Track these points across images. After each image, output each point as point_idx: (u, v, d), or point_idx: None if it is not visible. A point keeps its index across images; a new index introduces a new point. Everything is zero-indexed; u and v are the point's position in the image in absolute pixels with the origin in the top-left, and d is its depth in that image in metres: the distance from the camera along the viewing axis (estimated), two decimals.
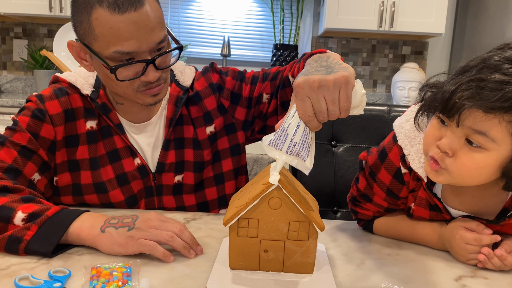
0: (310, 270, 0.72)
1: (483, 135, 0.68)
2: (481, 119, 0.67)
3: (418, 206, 0.89)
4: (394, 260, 0.81)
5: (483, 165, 0.70)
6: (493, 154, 0.69)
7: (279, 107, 1.09)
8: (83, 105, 1.00)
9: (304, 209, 0.69)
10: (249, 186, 0.78)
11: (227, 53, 2.83)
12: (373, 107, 1.61)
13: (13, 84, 2.91)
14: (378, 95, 3.08)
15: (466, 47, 2.88)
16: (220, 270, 0.72)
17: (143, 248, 0.74)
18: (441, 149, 0.73)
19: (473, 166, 0.71)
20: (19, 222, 0.77)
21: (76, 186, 1.00)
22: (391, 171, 0.88)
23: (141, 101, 0.94)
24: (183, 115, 1.06)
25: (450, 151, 0.71)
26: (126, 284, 0.65)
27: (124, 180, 1.01)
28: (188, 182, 1.07)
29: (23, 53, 2.91)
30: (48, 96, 0.97)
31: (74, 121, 0.99)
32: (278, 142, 0.66)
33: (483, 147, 0.69)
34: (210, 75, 1.10)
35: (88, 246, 0.79)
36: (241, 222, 0.70)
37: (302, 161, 0.67)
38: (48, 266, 0.71)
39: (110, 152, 1.01)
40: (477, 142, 0.69)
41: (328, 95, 0.67)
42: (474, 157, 0.70)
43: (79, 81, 1.00)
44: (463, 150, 0.71)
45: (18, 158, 0.91)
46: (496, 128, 0.67)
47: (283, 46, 2.83)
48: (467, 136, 0.70)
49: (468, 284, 0.73)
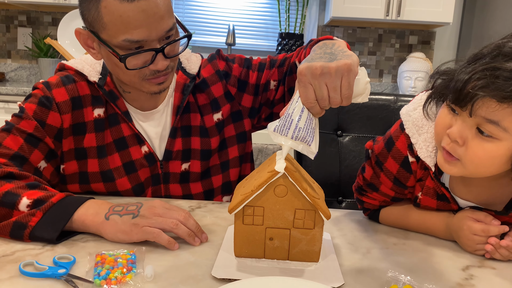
0: (315, 259, 0.71)
1: (495, 124, 0.67)
2: (494, 109, 0.66)
3: (425, 195, 0.88)
4: (401, 250, 0.81)
5: (495, 155, 0.70)
6: (504, 144, 0.68)
7: (286, 93, 1.08)
8: (91, 93, 0.99)
9: (310, 197, 0.68)
10: (254, 174, 0.77)
11: (232, 42, 2.81)
12: (380, 96, 1.59)
13: (17, 72, 2.91)
14: (384, 85, 3.05)
15: (474, 37, 2.85)
16: (225, 257, 0.71)
17: (148, 235, 0.74)
18: (451, 137, 0.72)
19: (485, 156, 0.70)
20: (24, 208, 0.77)
21: (83, 174, 1.00)
22: (399, 159, 0.87)
23: (146, 90, 0.94)
24: (190, 103, 1.06)
25: (461, 140, 0.71)
26: (131, 271, 0.65)
27: (132, 168, 1.01)
28: (195, 170, 1.07)
29: (28, 41, 2.90)
30: (55, 83, 0.97)
31: (81, 109, 0.98)
32: (283, 128, 0.67)
33: (494, 137, 0.68)
34: (217, 62, 1.10)
35: (92, 233, 0.78)
36: (247, 209, 0.70)
37: (307, 146, 0.67)
38: (52, 253, 0.71)
39: (117, 140, 1.00)
40: (489, 132, 0.68)
41: (330, 82, 0.67)
42: (485, 147, 0.69)
43: (86, 68, 0.99)
44: (474, 140, 0.70)
45: (24, 146, 0.90)
46: (510, 118, 0.66)
47: (289, 35, 2.80)
48: (478, 125, 0.69)
49: (475, 274, 0.72)
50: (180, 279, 0.64)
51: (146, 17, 0.83)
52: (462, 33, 3.02)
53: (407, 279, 0.66)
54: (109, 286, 0.61)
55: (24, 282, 0.61)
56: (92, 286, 0.61)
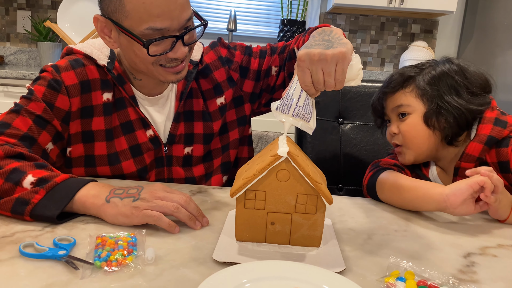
0: (317, 244, 0.71)
1: (401, 106, 1.03)
2: (392, 99, 1.05)
3: None
4: (402, 236, 0.80)
5: (415, 123, 1.02)
6: (416, 114, 1.02)
7: (286, 79, 1.11)
8: (100, 77, 1.00)
9: (313, 182, 0.67)
10: (256, 158, 0.76)
11: (234, 28, 2.78)
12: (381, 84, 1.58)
13: (17, 56, 2.89)
14: (385, 74, 3.03)
15: (478, 26, 2.82)
16: (226, 241, 0.71)
17: (148, 219, 0.74)
18: (390, 132, 1.07)
19: (411, 128, 1.02)
20: (27, 185, 0.76)
21: (89, 157, 1.00)
22: None
23: (163, 78, 0.95)
24: (193, 89, 1.08)
25: (396, 130, 1.05)
26: (131, 254, 0.64)
27: (138, 151, 1.02)
28: (198, 154, 1.09)
29: (27, 24, 2.87)
30: (64, 67, 0.97)
31: (90, 93, 0.99)
32: (285, 107, 0.73)
33: (408, 113, 1.03)
34: (219, 49, 1.13)
35: (93, 216, 0.78)
36: (248, 194, 0.69)
37: (306, 123, 0.73)
38: (53, 234, 0.71)
39: (124, 124, 1.01)
40: (403, 111, 1.03)
41: (326, 68, 0.73)
42: (408, 123, 1.03)
43: (94, 53, 1.00)
44: (401, 125, 1.04)
45: (33, 127, 0.91)
46: (403, 97, 1.04)
47: (291, 21, 2.78)
48: (397, 113, 1.05)
49: (477, 261, 0.72)
50: (181, 262, 0.64)
51: (168, 4, 0.84)
52: (465, 22, 2.99)
53: (408, 265, 0.65)
54: (110, 268, 0.60)
55: (24, 263, 0.61)
56: (93, 267, 0.60)
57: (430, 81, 1.01)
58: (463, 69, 1.01)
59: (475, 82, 1.00)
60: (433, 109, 0.99)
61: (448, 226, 0.87)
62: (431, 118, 1.00)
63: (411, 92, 1.02)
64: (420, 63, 1.08)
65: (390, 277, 0.62)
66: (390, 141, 1.09)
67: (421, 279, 0.61)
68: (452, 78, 1.00)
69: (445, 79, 1.01)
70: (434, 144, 1.02)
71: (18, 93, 2.26)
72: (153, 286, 0.57)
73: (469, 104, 0.98)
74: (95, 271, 0.60)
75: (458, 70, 1.01)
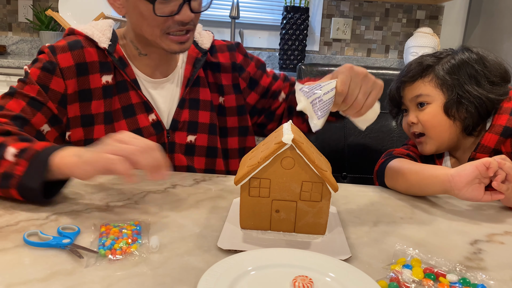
0: (322, 231, 0.71)
1: (420, 96, 1.02)
2: (411, 89, 1.04)
3: None
4: (408, 224, 0.80)
5: (436, 112, 1.00)
6: (435, 104, 1.00)
7: (285, 112, 1.16)
8: (99, 59, 0.99)
9: (318, 170, 0.66)
10: (261, 146, 0.75)
11: (236, 15, 2.75)
12: (386, 71, 1.56)
13: (19, 45, 2.87)
14: (390, 61, 3.00)
15: (484, 12, 2.78)
16: (231, 229, 0.71)
17: (107, 161, 0.68)
18: (408, 122, 1.05)
19: (432, 117, 1.01)
20: (10, 157, 0.74)
21: (88, 141, 1.00)
22: None
23: (167, 47, 0.95)
24: (200, 77, 1.08)
25: (414, 120, 1.03)
26: (136, 242, 0.64)
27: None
28: (201, 144, 1.08)
29: (28, 13, 2.85)
30: (61, 47, 0.96)
31: (87, 75, 0.98)
32: (309, 92, 0.76)
33: (427, 103, 1.01)
34: (236, 54, 1.14)
35: (97, 204, 0.78)
36: (253, 181, 0.68)
37: (316, 118, 0.75)
38: (57, 223, 0.70)
39: (125, 107, 1.01)
40: (422, 101, 1.02)
41: (364, 87, 0.78)
42: (428, 112, 1.01)
43: (96, 34, 0.99)
44: (420, 114, 1.02)
45: (27, 108, 0.91)
46: (423, 86, 1.02)
47: (294, 8, 2.74)
48: (416, 103, 1.03)
49: (484, 248, 0.71)
50: (185, 250, 0.64)
51: None
52: (471, 8, 2.95)
53: (415, 252, 0.65)
54: (114, 256, 0.60)
55: (28, 252, 0.61)
56: (97, 256, 0.60)
57: (450, 70, 1.00)
58: (483, 58, 1.00)
59: (494, 71, 0.99)
60: (454, 99, 0.98)
61: (454, 213, 0.86)
62: (452, 108, 0.98)
63: (431, 82, 1.01)
64: (438, 52, 1.06)
65: (396, 264, 0.61)
66: (406, 131, 1.08)
67: (428, 267, 0.61)
68: (472, 67, 0.99)
69: (465, 68, 0.99)
70: (455, 134, 1.01)
71: None
72: (158, 274, 0.57)
73: (489, 94, 0.97)
74: (99, 260, 0.59)
75: (477, 59, 1.00)
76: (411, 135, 1.07)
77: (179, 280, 0.56)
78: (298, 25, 2.74)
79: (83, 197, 0.82)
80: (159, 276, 0.56)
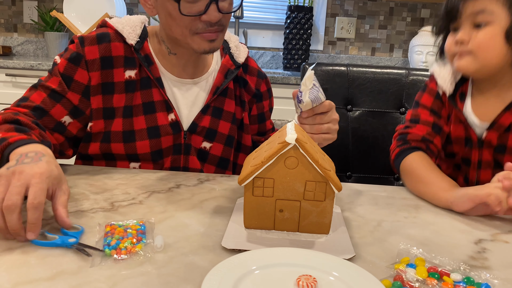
0: (326, 231, 0.71)
1: (483, 12, 0.91)
2: (475, 3, 0.92)
3: (454, 124, 1.05)
4: (412, 223, 0.80)
5: (494, 34, 0.91)
6: (496, 25, 0.91)
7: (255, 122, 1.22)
8: (124, 54, 1.01)
9: (322, 169, 0.67)
10: (264, 145, 0.76)
11: (240, 15, 2.76)
12: (391, 70, 1.56)
13: (24, 46, 2.89)
14: (394, 60, 2.99)
15: None
16: (235, 229, 0.71)
17: None
18: (457, 39, 0.94)
19: (487, 39, 0.91)
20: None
21: (106, 133, 1.01)
22: (432, 94, 1.09)
23: (197, 46, 0.96)
24: (229, 89, 1.10)
25: (467, 37, 0.93)
26: (141, 242, 0.64)
27: (155, 133, 1.03)
28: (215, 153, 1.10)
29: (34, 14, 2.87)
30: (90, 40, 0.99)
31: (111, 69, 1.00)
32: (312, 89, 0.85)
33: (487, 22, 0.91)
34: (262, 83, 1.19)
35: (101, 204, 0.79)
36: (257, 181, 0.69)
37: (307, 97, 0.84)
38: None
39: (146, 103, 1.02)
40: (481, 20, 0.91)
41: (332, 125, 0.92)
42: (485, 32, 0.91)
43: (125, 30, 1.01)
44: (475, 34, 0.92)
45: (47, 100, 0.95)
46: (489, 3, 0.91)
47: (298, 8, 2.74)
48: (473, 22, 0.93)
49: (488, 247, 0.71)
50: (190, 249, 0.64)
51: None
52: None
53: (419, 251, 0.65)
54: (119, 255, 0.61)
55: (35, 251, 0.61)
56: (102, 255, 0.61)
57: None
58: None
59: None
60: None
61: (458, 213, 0.86)
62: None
63: None
64: None
65: (400, 263, 0.61)
66: (449, 50, 0.98)
67: (432, 266, 0.61)
68: None
69: None
70: (505, 63, 0.94)
71: (26, 83, 2.26)
72: (163, 273, 0.57)
73: None
74: (104, 259, 0.60)
75: None
76: (451, 56, 0.98)
77: (184, 279, 0.56)
78: (302, 24, 2.74)
79: (87, 197, 0.83)
80: (164, 275, 0.57)
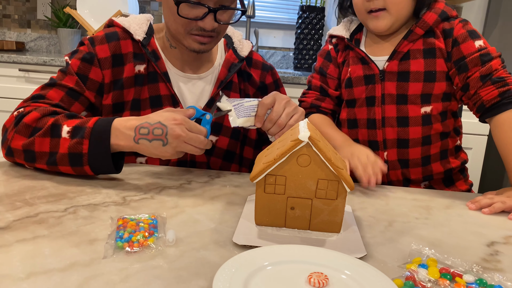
0: (337, 229, 0.71)
1: None
2: None
3: (353, 65, 1.14)
4: (423, 224, 0.79)
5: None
6: None
7: None
8: (133, 50, 1.04)
9: (334, 168, 0.66)
10: (277, 143, 0.76)
11: (252, 14, 2.76)
12: None
13: (37, 42, 2.92)
14: None
15: (503, 13, 2.74)
16: (246, 225, 0.71)
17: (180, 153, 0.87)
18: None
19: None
20: (65, 135, 0.86)
21: None
22: (323, 54, 1.23)
23: (187, 44, 0.99)
24: (233, 82, 1.12)
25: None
26: (153, 235, 0.65)
27: None
28: (221, 146, 1.11)
29: (47, 11, 2.90)
30: (99, 39, 1.02)
31: (121, 66, 1.03)
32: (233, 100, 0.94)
33: None
34: (267, 75, 1.19)
35: (114, 198, 0.79)
36: (268, 178, 0.69)
37: (236, 116, 0.91)
38: (74, 216, 0.71)
39: (153, 97, 1.04)
40: None
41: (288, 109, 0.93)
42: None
43: (132, 27, 1.04)
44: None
45: (65, 98, 0.98)
46: None
47: (310, 8, 2.74)
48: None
49: (501, 250, 0.71)
50: (201, 244, 0.64)
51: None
52: (490, 9, 2.91)
53: (431, 252, 0.64)
54: (131, 248, 0.61)
55: (48, 242, 0.62)
56: (115, 248, 0.61)
57: None
58: None
59: None
60: None
61: (470, 215, 0.86)
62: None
63: None
64: None
65: (412, 263, 0.61)
66: (362, 7, 1.08)
67: (444, 267, 0.60)
68: None
69: None
70: (410, 12, 1.08)
71: (39, 79, 2.28)
72: (174, 267, 0.57)
73: None
74: (117, 252, 0.60)
75: None
76: (363, 11, 1.08)
77: (196, 273, 0.56)
78: (313, 24, 2.73)
79: (100, 191, 0.83)
80: (175, 269, 0.57)
